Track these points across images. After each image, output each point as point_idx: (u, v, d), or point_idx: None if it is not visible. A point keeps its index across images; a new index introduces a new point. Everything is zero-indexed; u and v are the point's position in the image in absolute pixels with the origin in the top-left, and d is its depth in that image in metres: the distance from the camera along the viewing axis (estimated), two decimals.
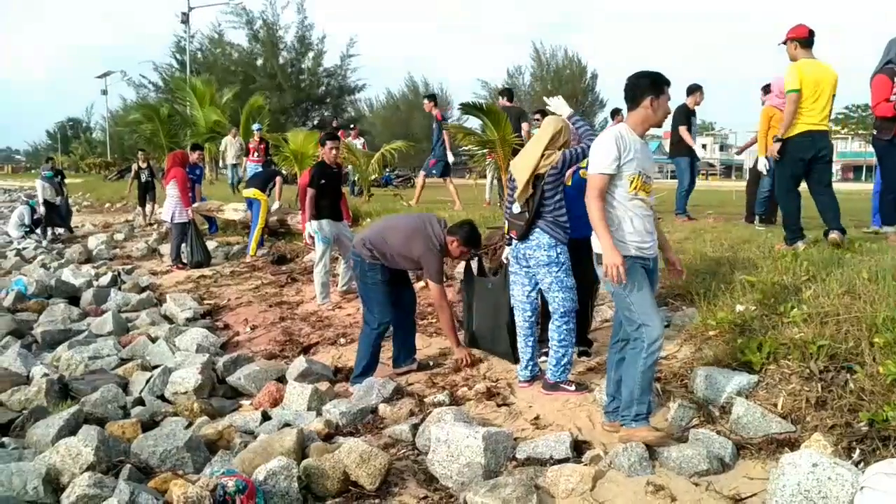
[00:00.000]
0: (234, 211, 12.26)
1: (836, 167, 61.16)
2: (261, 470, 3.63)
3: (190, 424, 4.64)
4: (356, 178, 16.36)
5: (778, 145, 6.11)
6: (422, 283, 6.81)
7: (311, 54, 38.50)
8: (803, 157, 6.05)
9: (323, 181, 7.54)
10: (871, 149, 8.05)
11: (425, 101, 13.04)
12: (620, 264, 3.64)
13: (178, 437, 4.12)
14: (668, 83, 3.86)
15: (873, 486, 1.86)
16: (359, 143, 15.52)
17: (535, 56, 46.24)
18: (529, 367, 4.86)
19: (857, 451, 3.30)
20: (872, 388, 3.60)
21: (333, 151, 7.67)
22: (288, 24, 38.15)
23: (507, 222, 4.91)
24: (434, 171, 12.40)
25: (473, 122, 14.28)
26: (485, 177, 15.03)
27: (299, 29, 37.74)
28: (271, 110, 28.76)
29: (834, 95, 6.03)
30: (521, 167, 4.63)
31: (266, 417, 4.82)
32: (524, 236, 4.60)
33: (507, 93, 12.68)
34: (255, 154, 13.53)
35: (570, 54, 45.68)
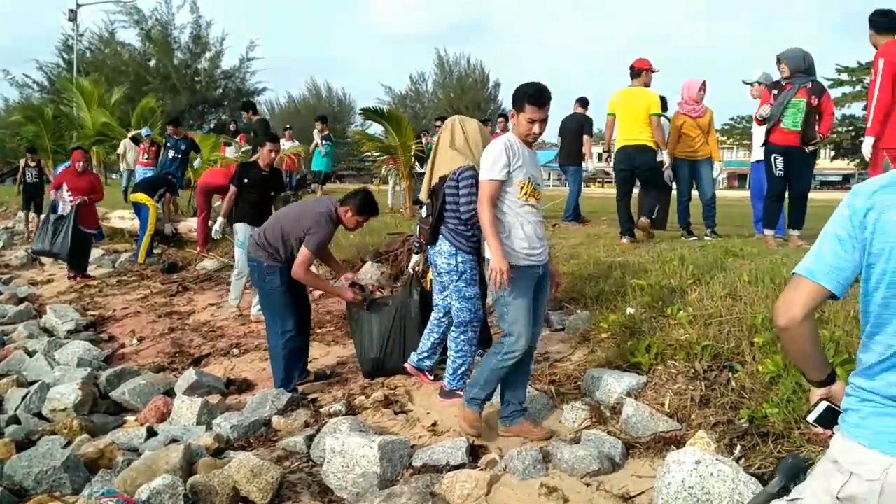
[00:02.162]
0: (120, 219, 11.70)
1: (722, 175, 64.53)
2: (144, 489, 3.47)
3: (69, 443, 4.38)
4: None
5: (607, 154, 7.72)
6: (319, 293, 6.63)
7: (207, 55, 37.39)
8: (624, 169, 7.54)
9: (245, 180, 7.14)
10: (751, 158, 8.53)
11: (169, 126, 12.75)
12: (506, 270, 3.68)
13: (55, 456, 3.91)
14: (531, 99, 3.79)
15: None
16: (291, 144, 15.11)
17: (439, 63, 46.57)
18: (419, 358, 4.86)
19: (739, 447, 3.43)
20: (752, 386, 3.77)
21: (273, 154, 7.30)
22: (184, 24, 36.83)
23: (418, 227, 4.90)
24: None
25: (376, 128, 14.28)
26: (387, 182, 15.02)
27: (194, 28, 36.62)
28: (165, 112, 27.72)
29: (658, 114, 7.39)
30: (427, 172, 4.70)
31: (152, 433, 4.63)
32: (431, 241, 4.58)
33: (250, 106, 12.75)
34: (145, 156, 12.97)
35: (473, 63, 46.25)
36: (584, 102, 10.37)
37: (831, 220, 1.77)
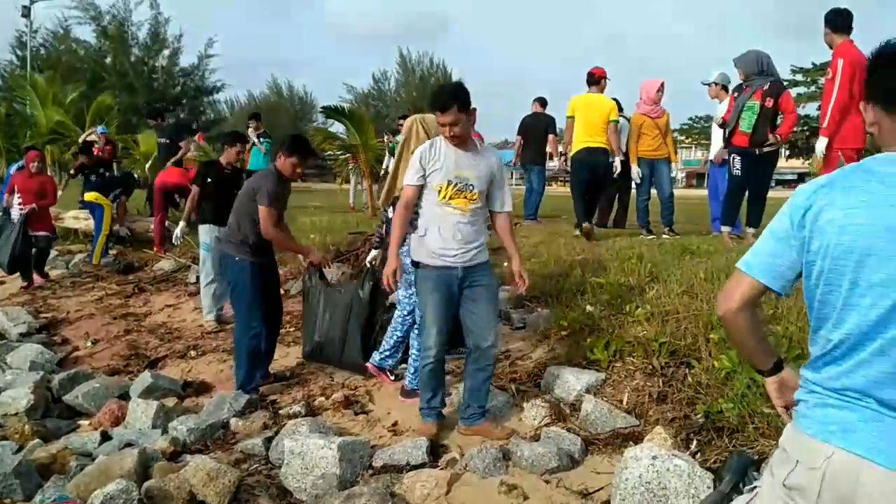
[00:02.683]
0: (74, 219, 11.41)
1: (680, 174, 65.54)
2: (97, 494, 3.41)
3: (20, 448, 4.28)
4: None
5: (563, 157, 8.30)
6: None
7: (166, 52, 36.78)
8: (585, 168, 7.83)
9: (209, 180, 6.86)
10: (709, 157, 8.71)
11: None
12: (391, 274, 3.88)
13: (5, 462, 3.83)
14: (432, 104, 3.84)
15: None
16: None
17: (401, 62, 46.46)
18: (381, 357, 4.87)
19: (695, 442, 3.48)
20: (708, 382, 3.81)
21: (238, 155, 7.03)
22: (141, 20, 36.11)
23: (381, 223, 4.98)
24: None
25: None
26: (349, 181, 14.94)
27: (153, 25, 35.97)
28: (121, 110, 27.20)
29: (616, 121, 7.80)
30: (390, 178, 4.81)
31: (106, 437, 4.53)
32: None
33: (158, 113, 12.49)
34: (101, 155, 12.66)
35: (436, 62, 46.22)
36: (543, 102, 10.39)
37: (774, 217, 1.83)
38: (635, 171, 8.08)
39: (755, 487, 1.91)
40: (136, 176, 13.40)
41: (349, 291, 5.17)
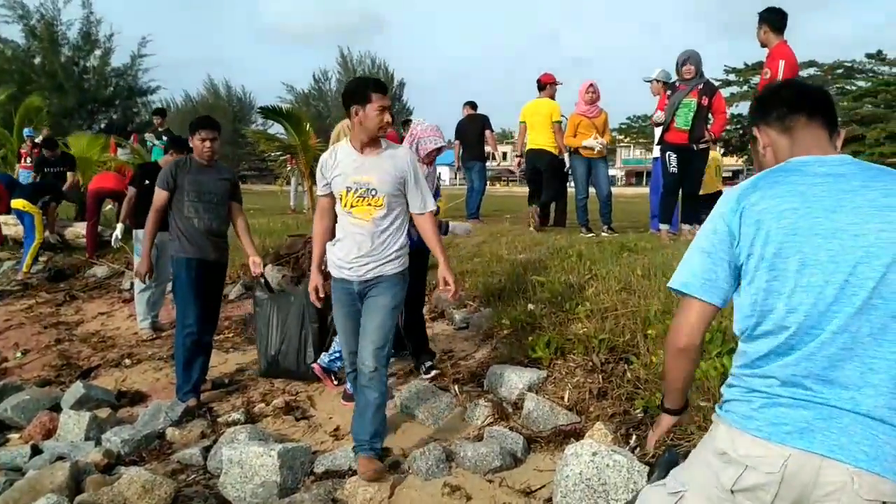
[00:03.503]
0: (4, 225, 10.97)
1: (620, 173, 66.74)
2: None
3: None
4: None
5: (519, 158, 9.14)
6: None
7: (97, 52, 35.63)
8: (532, 168, 8.76)
9: (146, 182, 6.54)
10: (651, 156, 8.96)
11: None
12: (312, 290, 3.85)
13: None
14: (376, 89, 3.53)
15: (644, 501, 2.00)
16: None
17: (342, 62, 46.13)
18: (331, 358, 4.79)
19: (634, 437, 3.53)
20: (647, 377, 3.87)
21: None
22: (72, 19, 34.87)
23: None
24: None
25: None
26: (289, 183, 14.74)
27: (84, 25, 34.81)
28: (51, 112, 26.25)
29: (559, 121, 8.46)
30: None
31: (36, 451, 4.38)
32: None
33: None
34: (28, 160, 12.17)
35: (377, 62, 46.04)
36: (473, 105, 10.75)
37: (699, 235, 1.84)
38: (592, 141, 8.04)
39: (679, 493, 1.85)
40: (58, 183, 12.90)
41: (299, 298, 5.02)
